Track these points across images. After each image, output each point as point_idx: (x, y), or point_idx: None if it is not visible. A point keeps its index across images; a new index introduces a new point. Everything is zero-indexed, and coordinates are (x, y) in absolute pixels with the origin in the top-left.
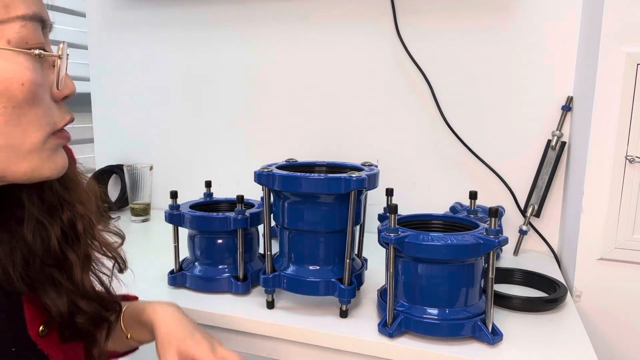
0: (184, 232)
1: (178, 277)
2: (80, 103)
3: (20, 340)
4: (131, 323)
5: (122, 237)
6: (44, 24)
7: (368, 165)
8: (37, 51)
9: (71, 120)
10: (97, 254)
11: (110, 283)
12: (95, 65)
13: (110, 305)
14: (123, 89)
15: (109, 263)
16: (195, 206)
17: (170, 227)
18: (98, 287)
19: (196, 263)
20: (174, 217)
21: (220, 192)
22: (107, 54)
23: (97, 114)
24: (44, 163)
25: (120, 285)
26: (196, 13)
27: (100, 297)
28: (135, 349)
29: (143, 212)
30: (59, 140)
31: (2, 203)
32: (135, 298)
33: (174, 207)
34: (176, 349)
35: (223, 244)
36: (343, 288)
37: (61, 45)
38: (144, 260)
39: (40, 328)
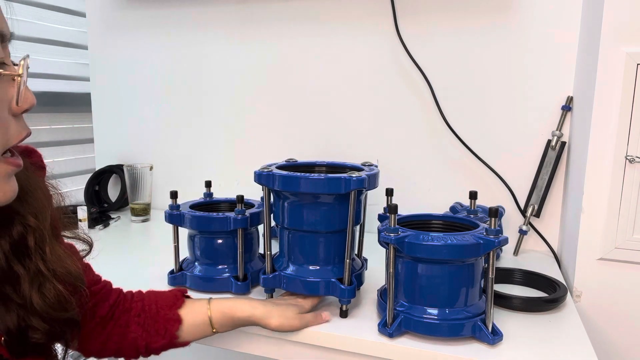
0: (184, 232)
1: (178, 277)
2: (80, 103)
3: None
4: (223, 324)
5: (90, 245)
6: (3, 38)
7: (368, 165)
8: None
9: (27, 136)
10: (46, 271)
11: (65, 297)
12: (95, 65)
13: (67, 323)
14: (123, 89)
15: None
16: (195, 206)
17: (170, 227)
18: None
19: (196, 263)
20: (174, 217)
21: (220, 192)
22: (107, 54)
23: (97, 114)
24: None
25: None
26: (196, 13)
27: (55, 314)
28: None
29: (143, 212)
30: (10, 167)
31: None
32: (185, 292)
33: (174, 207)
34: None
35: (223, 244)
36: (343, 288)
37: (22, 62)
38: (144, 260)
39: (2, 338)
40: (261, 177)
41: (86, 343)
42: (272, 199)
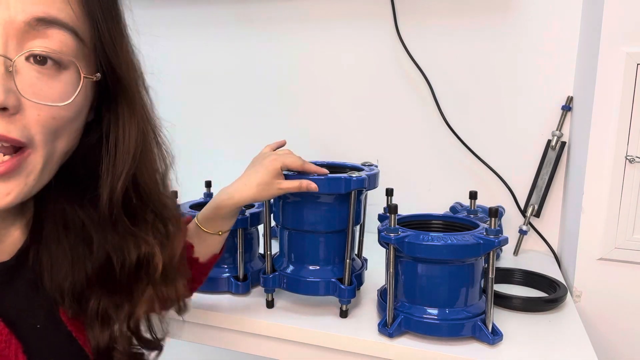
0: None
1: None
2: None
3: (49, 318)
4: (213, 222)
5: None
6: None
7: (368, 165)
8: None
9: (6, 139)
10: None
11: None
12: None
13: (154, 345)
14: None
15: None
16: (195, 206)
17: None
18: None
19: None
20: None
21: None
22: None
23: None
24: None
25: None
26: (196, 13)
27: (145, 339)
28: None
29: None
30: None
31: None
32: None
33: None
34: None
35: None
36: (343, 288)
37: None
38: None
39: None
40: None
41: None
42: (272, 199)
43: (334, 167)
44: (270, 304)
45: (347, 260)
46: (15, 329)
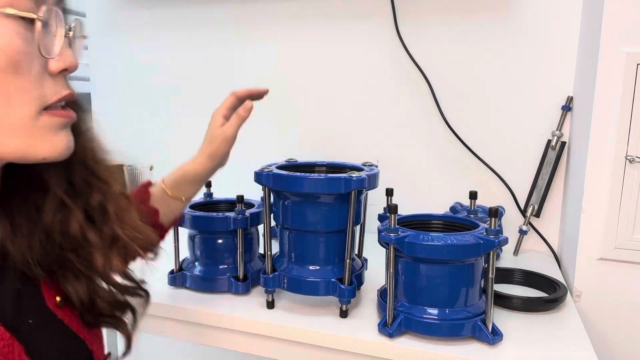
0: (184, 232)
1: (178, 277)
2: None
3: (39, 313)
4: (175, 185)
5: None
6: None
7: (368, 165)
8: (28, 14)
9: (66, 98)
10: (126, 238)
11: (128, 271)
12: (95, 65)
13: (135, 291)
14: (123, 89)
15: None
16: (195, 206)
17: None
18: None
19: (196, 263)
20: None
21: (220, 192)
22: (107, 54)
23: (97, 114)
24: (38, 142)
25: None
26: (196, 13)
27: (125, 283)
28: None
29: None
30: (55, 117)
31: (24, 186)
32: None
33: None
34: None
35: (223, 244)
36: (343, 288)
37: (51, 10)
38: (144, 260)
39: (57, 299)
40: (261, 177)
41: None
42: (272, 199)
43: (334, 167)
44: (270, 305)
45: (347, 260)
46: (14, 331)
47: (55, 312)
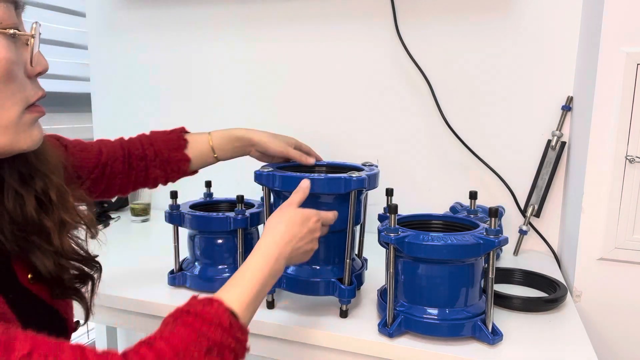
0: (184, 232)
1: (178, 277)
2: (80, 103)
3: (15, 289)
4: (221, 145)
5: (93, 205)
6: (17, 5)
7: (368, 165)
8: (11, 31)
9: (43, 96)
10: (71, 220)
11: (86, 245)
12: (95, 65)
13: (91, 264)
14: (123, 89)
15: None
16: (195, 206)
17: (170, 227)
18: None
19: (196, 263)
20: (174, 217)
21: (220, 192)
22: (107, 54)
23: (97, 114)
24: (21, 136)
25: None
26: (195, 13)
27: (81, 257)
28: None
29: (143, 212)
30: (34, 114)
31: None
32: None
33: (174, 207)
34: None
35: (223, 244)
36: (343, 288)
37: (34, 25)
38: (144, 260)
39: (29, 276)
40: (261, 177)
41: (117, 192)
42: (272, 199)
43: (334, 167)
44: (270, 305)
45: (347, 260)
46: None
47: (29, 287)
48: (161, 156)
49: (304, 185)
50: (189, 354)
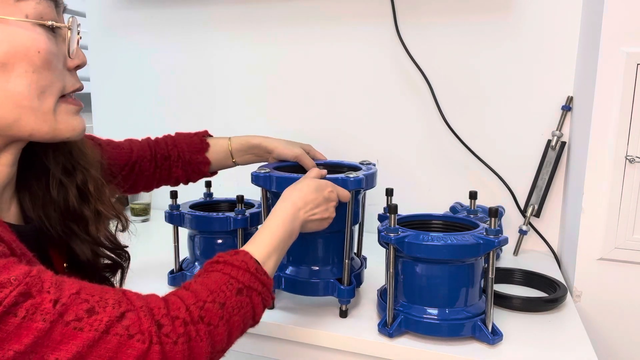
0: (184, 232)
1: (178, 277)
2: None
3: (70, 260)
4: (240, 151)
5: (123, 200)
6: (57, 4)
7: (366, 164)
8: (49, 22)
9: (80, 89)
10: (106, 212)
11: (115, 236)
12: (95, 65)
13: (122, 254)
14: (123, 89)
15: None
16: (195, 206)
17: (170, 227)
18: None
19: (196, 263)
20: (174, 217)
21: (220, 192)
22: (107, 54)
23: (97, 114)
24: (61, 125)
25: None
26: (196, 13)
27: (114, 245)
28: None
29: (143, 212)
30: (70, 105)
31: (33, 167)
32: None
33: (174, 207)
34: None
35: (223, 244)
36: (342, 288)
37: (70, 19)
38: (144, 260)
39: (65, 265)
40: (259, 179)
41: (142, 189)
42: (270, 200)
43: (331, 166)
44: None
45: (346, 261)
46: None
47: (58, 269)
48: (183, 157)
49: (319, 171)
50: (222, 293)
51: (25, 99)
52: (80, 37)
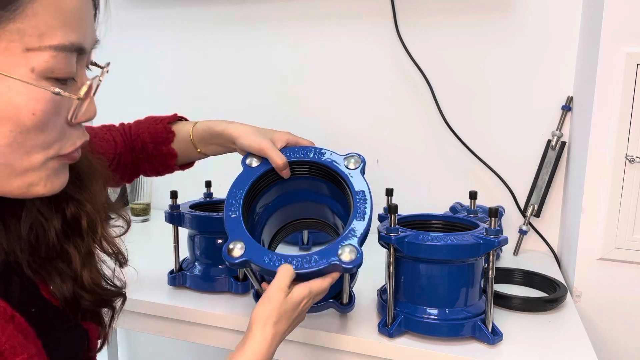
0: (184, 232)
1: (178, 277)
2: None
3: (38, 302)
4: (203, 139)
5: (128, 223)
6: (81, 52)
7: (352, 155)
8: (55, 89)
9: (83, 144)
10: (99, 251)
11: (113, 276)
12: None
13: (114, 294)
14: (123, 89)
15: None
16: (195, 206)
17: (170, 227)
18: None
19: (196, 263)
20: (174, 217)
21: (220, 192)
22: (107, 54)
23: (97, 114)
24: (41, 182)
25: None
26: (196, 13)
27: (103, 288)
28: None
29: (143, 212)
30: (62, 161)
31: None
32: (176, 117)
33: (174, 207)
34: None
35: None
36: (342, 306)
37: (88, 83)
38: (144, 261)
39: (51, 287)
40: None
41: (127, 181)
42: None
43: (317, 166)
44: None
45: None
46: (24, 317)
47: (51, 301)
48: (147, 150)
49: (288, 272)
50: None
51: (1, 157)
52: (101, 81)
